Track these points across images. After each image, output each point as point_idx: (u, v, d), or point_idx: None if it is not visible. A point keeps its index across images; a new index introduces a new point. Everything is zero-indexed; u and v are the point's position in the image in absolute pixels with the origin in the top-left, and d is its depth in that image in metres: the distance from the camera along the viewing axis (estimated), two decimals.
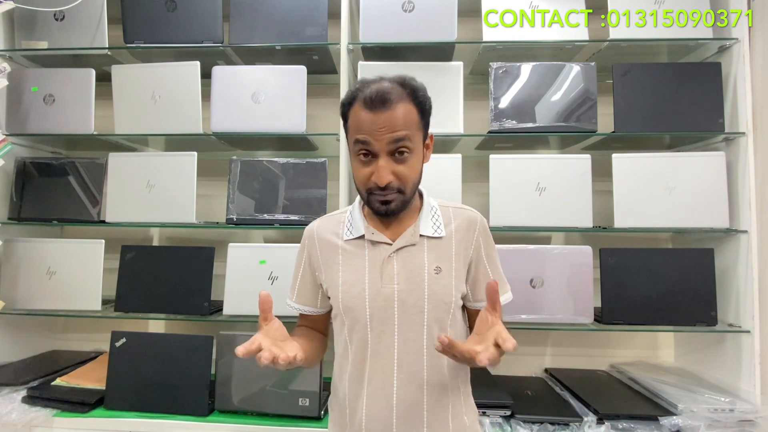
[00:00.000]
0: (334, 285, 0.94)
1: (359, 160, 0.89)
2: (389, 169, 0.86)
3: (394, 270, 0.91)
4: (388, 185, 0.86)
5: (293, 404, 1.39)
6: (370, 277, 0.91)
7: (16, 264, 1.60)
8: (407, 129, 0.85)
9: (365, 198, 0.91)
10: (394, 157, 0.86)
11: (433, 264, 0.91)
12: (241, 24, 1.59)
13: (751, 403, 1.33)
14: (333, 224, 1.00)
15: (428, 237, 0.93)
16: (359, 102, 0.86)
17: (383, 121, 0.84)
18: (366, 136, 0.85)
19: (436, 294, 0.90)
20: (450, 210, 0.98)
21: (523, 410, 1.36)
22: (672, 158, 1.51)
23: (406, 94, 0.86)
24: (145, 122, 1.60)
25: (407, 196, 0.89)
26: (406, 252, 0.92)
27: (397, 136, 0.84)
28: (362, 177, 0.89)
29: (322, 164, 1.56)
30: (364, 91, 0.85)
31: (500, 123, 1.51)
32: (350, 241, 0.95)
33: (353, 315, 0.92)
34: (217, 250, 1.57)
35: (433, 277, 0.91)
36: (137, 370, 1.45)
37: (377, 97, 0.83)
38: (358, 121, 0.86)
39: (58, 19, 1.64)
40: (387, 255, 0.92)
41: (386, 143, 0.85)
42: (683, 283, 1.44)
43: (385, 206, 0.88)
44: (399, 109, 0.84)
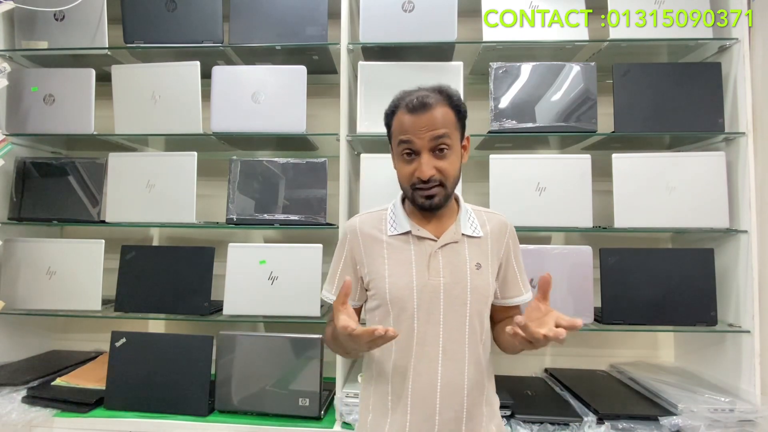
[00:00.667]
0: (380, 277, 1.00)
1: (403, 159, 0.98)
2: (431, 164, 0.94)
3: (439, 264, 0.98)
4: (430, 179, 0.94)
5: (293, 404, 1.39)
6: (417, 269, 0.98)
7: (16, 264, 1.60)
8: (446, 128, 0.95)
9: (410, 195, 0.99)
10: (434, 153, 0.95)
11: (474, 260, 1.00)
12: (241, 24, 1.59)
13: (751, 403, 1.33)
14: (374, 220, 1.06)
15: (468, 236, 1.02)
16: (402, 109, 0.97)
17: (424, 122, 0.94)
18: (409, 136, 0.95)
19: (478, 288, 0.99)
20: (483, 213, 1.08)
21: (523, 410, 1.36)
22: (672, 158, 1.51)
23: (442, 99, 0.97)
24: (145, 122, 1.60)
25: (449, 191, 0.98)
26: (450, 248, 1.00)
27: (437, 134, 0.94)
28: (406, 174, 0.98)
29: (322, 164, 1.56)
30: (406, 99, 0.97)
31: (500, 123, 1.51)
32: (395, 236, 1.02)
33: (401, 305, 0.98)
34: (217, 250, 1.57)
35: (474, 272, 0.99)
36: (137, 370, 1.45)
37: (418, 102, 0.95)
38: (402, 124, 0.96)
39: (58, 19, 1.64)
40: (433, 250, 0.99)
41: (427, 140, 0.94)
42: (683, 283, 1.44)
43: (429, 200, 0.96)
44: (437, 112, 0.95)
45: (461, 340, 0.97)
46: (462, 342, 0.97)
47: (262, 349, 1.45)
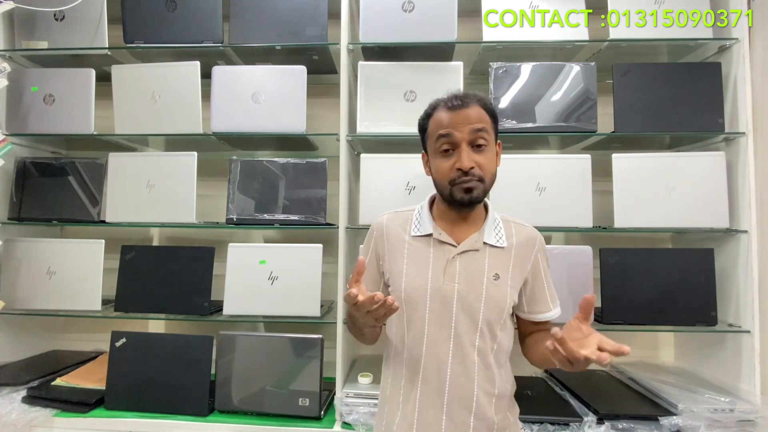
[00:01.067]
0: (398, 274, 1.03)
1: (441, 155, 0.99)
2: (471, 156, 0.96)
3: (456, 270, 0.99)
4: (470, 171, 0.95)
5: (293, 404, 1.39)
6: (434, 273, 1.00)
7: (16, 264, 1.60)
8: (484, 126, 0.98)
9: (447, 192, 0.99)
10: (473, 148, 0.97)
11: (493, 271, 1.00)
12: (241, 24, 1.59)
13: (751, 403, 1.33)
14: (401, 220, 1.09)
15: (490, 246, 1.02)
16: (440, 108, 1.01)
17: (463, 116, 0.97)
18: (449, 130, 0.97)
19: (492, 298, 0.99)
20: (512, 224, 1.07)
21: (523, 410, 1.34)
22: (672, 158, 1.51)
23: (477, 100, 1.00)
24: (145, 122, 1.60)
25: (486, 186, 0.99)
26: (469, 256, 1.01)
27: (476, 127, 0.97)
28: (445, 169, 0.98)
29: (322, 164, 1.56)
30: (443, 100, 1.01)
31: (500, 123, 1.51)
32: (417, 237, 1.04)
33: (413, 305, 1.00)
34: (217, 250, 1.57)
35: (491, 282, 0.99)
36: (137, 370, 1.45)
37: (456, 99, 0.99)
38: (440, 121, 0.99)
39: (58, 19, 1.64)
40: (451, 256, 1.00)
41: (467, 133, 0.96)
42: (683, 283, 1.44)
43: (468, 194, 0.97)
44: (475, 109, 0.98)
45: (471, 347, 0.98)
46: (471, 349, 0.98)
47: (262, 349, 1.45)
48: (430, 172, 1.06)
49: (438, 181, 1.02)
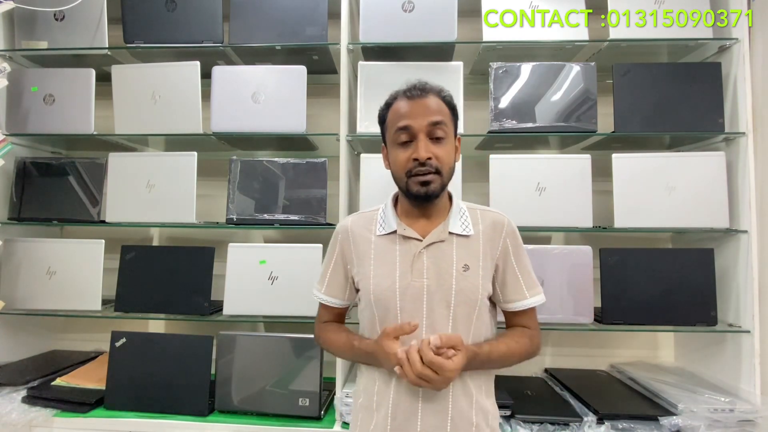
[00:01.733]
0: (366, 277, 1.00)
1: (399, 146, 0.97)
2: (428, 147, 0.94)
3: (423, 265, 0.96)
4: (427, 162, 0.93)
5: (293, 404, 1.39)
6: (401, 270, 0.97)
7: (16, 264, 1.60)
8: (442, 117, 0.96)
9: (404, 185, 0.97)
10: (432, 139, 0.95)
11: (462, 261, 0.97)
12: (241, 24, 1.59)
13: (751, 403, 1.33)
14: (365, 220, 1.06)
15: (457, 235, 0.98)
16: (400, 97, 0.98)
17: (422, 105, 0.95)
18: (407, 120, 0.95)
19: (463, 291, 0.95)
20: (478, 212, 1.03)
21: (523, 410, 1.36)
22: (672, 158, 1.51)
23: (437, 92, 0.99)
24: (145, 122, 1.60)
25: (444, 180, 0.97)
26: (436, 248, 0.97)
27: (435, 119, 0.95)
28: (402, 161, 0.96)
29: (322, 164, 1.56)
30: (403, 89, 0.99)
31: (500, 123, 1.51)
32: (382, 236, 1.01)
33: (384, 306, 0.97)
34: (217, 250, 1.57)
35: (461, 274, 0.96)
36: (137, 370, 1.45)
37: (415, 88, 0.97)
38: (399, 111, 0.97)
39: (58, 19, 1.64)
40: (418, 250, 0.97)
41: (425, 124, 0.94)
42: (683, 283, 1.44)
43: (425, 187, 0.94)
44: (434, 99, 0.97)
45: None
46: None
47: (262, 349, 1.45)
48: (389, 165, 1.02)
49: (395, 173, 0.99)
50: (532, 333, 1.03)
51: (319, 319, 1.13)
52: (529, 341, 1.01)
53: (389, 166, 1.02)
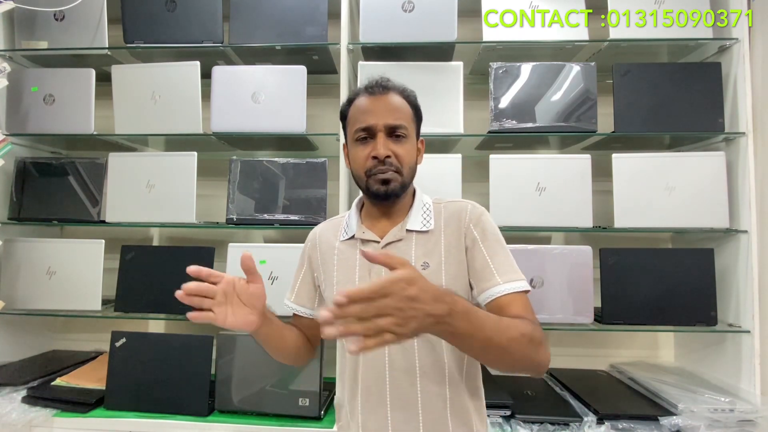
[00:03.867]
0: (330, 284, 0.97)
1: (358, 144, 0.93)
2: (387, 145, 0.91)
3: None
4: (386, 160, 0.90)
5: (293, 404, 1.39)
6: (360, 275, 0.93)
7: (16, 264, 1.60)
8: (403, 116, 0.93)
9: (364, 183, 0.93)
10: (391, 138, 0.92)
11: (421, 260, 0.91)
12: (241, 24, 1.59)
13: (751, 403, 1.33)
14: (333, 227, 1.04)
15: (416, 232, 0.94)
16: (361, 93, 0.95)
17: (383, 103, 0.92)
18: (366, 116, 0.91)
19: None
20: (442, 205, 0.98)
21: (523, 410, 1.36)
22: (672, 158, 1.51)
23: (400, 90, 0.96)
24: (145, 122, 1.60)
25: (405, 179, 0.93)
26: (394, 248, 0.93)
27: (395, 118, 0.91)
28: (362, 159, 0.92)
29: (322, 164, 1.56)
30: (365, 85, 0.96)
31: (500, 123, 1.51)
32: (345, 241, 0.98)
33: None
34: (217, 250, 1.57)
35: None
36: (137, 370, 1.45)
37: (377, 83, 0.94)
38: (359, 109, 0.93)
39: (58, 19, 1.64)
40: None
41: (385, 123, 0.91)
42: (683, 283, 1.44)
43: (384, 186, 0.91)
44: (396, 98, 0.93)
45: (410, 349, 0.89)
46: (411, 351, 0.89)
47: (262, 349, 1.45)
48: (349, 164, 0.98)
49: (355, 172, 0.95)
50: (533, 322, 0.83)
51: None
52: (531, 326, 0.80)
53: (349, 164, 0.98)
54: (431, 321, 0.63)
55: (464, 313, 0.67)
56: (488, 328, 0.71)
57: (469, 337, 0.69)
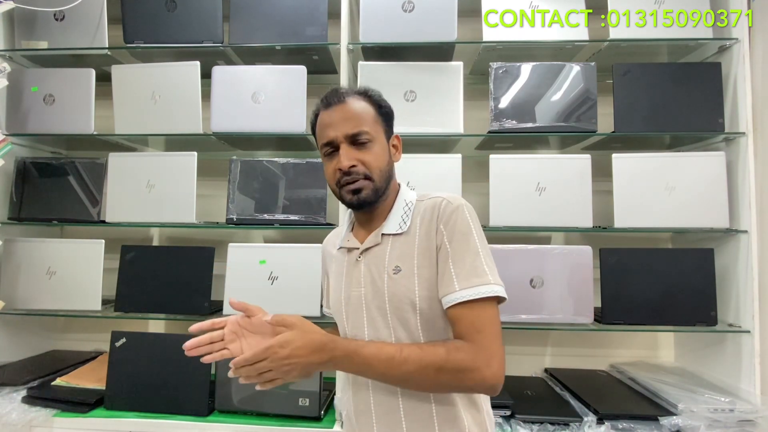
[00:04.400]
0: (327, 292, 1.04)
1: (327, 160, 0.92)
2: (350, 155, 0.88)
3: (360, 274, 0.92)
4: (351, 170, 0.88)
5: (293, 404, 1.39)
6: (345, 282, 0.95)
7: (16, 264, 1.60)
8: (364, 121, 0.90)
9: (339, 195, 0.93)
10: (355, 146, 0.89)
11: (393, 263, 0.88)
12: (241, 24, 1.59)
13: (751, 403, 1.33)
14: (335, 236, 1.07)
15: (392, 235, 0.91)
16: (320, 107, 0.93)
17: (339, 113, 0.90)
18: (327, 131, 0.90)
19: (396, 295, 0.86)
20: (423, 202, 0.92)
21: (523, 410, 1.36)
22: (672, 158, 1.51)
23: (358, 93, 0.93)
24: (145, 122, 1.60)
25: (377, 184, 0.89)
26: (372, 254, 0.92)
27: (353, 126, 0.89)
28: (330, 173, 0.92)
29: (322, 164, 1.56)
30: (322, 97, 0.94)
31: (500, 123, 1.51)
32: (339, 250, 1.01)
33: (338, 319, 0.97)
34: (217, 250, 1.57)
35: (392, 277, 0.87)
36: (137, 370, 1.45)
37: (331, 94, 0.92)
38: (322, 124, 0.92)
39: (58, 19, 1.64)
40: (355, 259, 0.93)
41: (344, 133, 0.89)
42: (683, 283, 1.44)
43: (356, 195, 0.89)
44: (352, 103, 0.91)
45: None
46: None
47: None
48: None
49: (330, 185, 0.94)
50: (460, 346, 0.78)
51: None
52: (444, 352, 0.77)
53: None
54: (315, 367, 0.78)
55: (347, 357, 0.78)
56: (377, 366, 0.78)
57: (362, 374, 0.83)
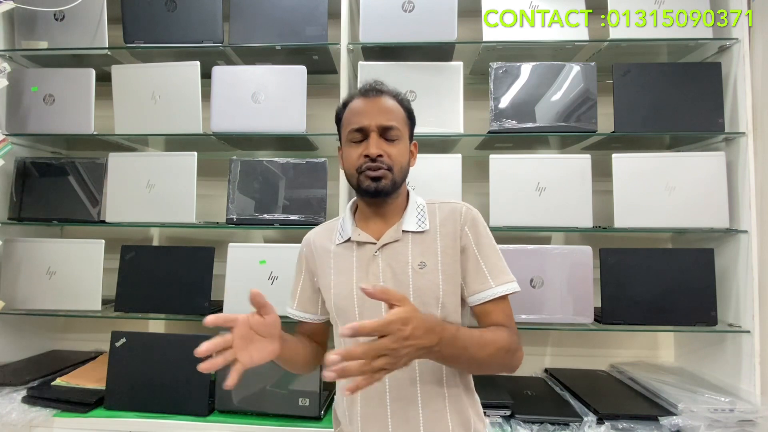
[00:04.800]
0: (327, 288, 0.98)
1: (352, 145, 0.95)
2: (380, 144, 0.93)
3: (378, 268, 0.93)
4: (378, 158, 0.91)
5: (293, 404, 1.39)
6: (357, 276, 0.94)
7: (16, 264, 1.60)
8: (396, 118, 0.95)
9: (356, 181, 0.95)
10: (384, 138, 0.94)
11: (418, 259, 0.93)
12: (241, 24, 1.59)
13: (751, 403, 1.33)
14: (327, 231, 1.04)
15: (412, 232, 0.95)
16: (356, 96, 0.98)
17: (376, 105, 0.94)
18: (360, 118, 0.94)
19: (421, 290, 0.91)
20: (436, 205, 0.99)
21: (523, 410, 1.36)
22: (672, 158, 1.51)
23: (394, 94, 0.99)
24: (145, 122, 1.60)
25: (396, 179, 0.94)
26: (390, 249, 0.94)
27: (387, 119, 0.94)
28: (354, 158, 0.94)
29: (322, 164, 1.56)
30: (359, 88, 0.99)
31: (500, 123, 1.51)
32: (341, 244, 0.99)
33: (345, 315, 0.95)
34: (217, 250, 1.57)
35: (417, 272, 0.92)
36: (137, 370, 1.45)
37: (371, 86, 0.97)
38: (353, 111, 0.96)
39: (58, 19, 1.64)
40: (372, 254, 0.94)
41: (378, 123, 0.93)
42: (683, 283, 1.44)
43: (375, 183, 0.92)
44: (389, 101, 0.96)
45: None
46: None
47: None
48: (343, 164, 1.00)
49: (347, 171, 0.97)
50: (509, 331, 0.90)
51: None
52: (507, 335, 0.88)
53: (343, 165, 0.99)
54: (423, 352, 0.73)
55: (452, 339, 0.77)
56: (471, 347, 0.81)
57: (455, 358, 0.81)
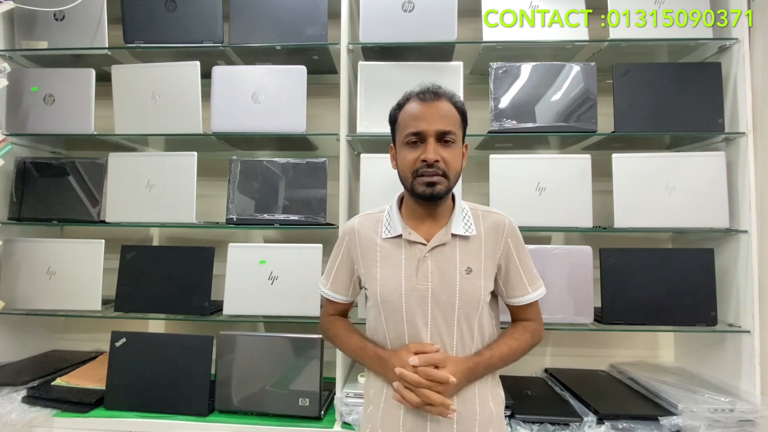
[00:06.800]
0: (372, 279, 1.03)
1: (408, 148, 0.99)
2: (437, 150, 0.96)
3: (428, 269, 0.99)
4: (435, 164, 0.95)
5: (293, 404, 1.39)
6: (406, 274, 0.99)
7: (16, 264, 1.60)
8: (453, 122, 0.98)
9: (410, 183, 0.99)
10: (440, 143, 0.97)
11: (465, 264, 1.00)
12: (241, 24, 1.59)
13: (751, 403, 1.33)
14: (372, 222, 1.08)
15: (460, 236, 1.01)
16: (413, 98, 1.01)
17: (434, 110, 0.97)
18: (418, 122, 0.97)
19: (467, 292, 0.98)
20: (480, 213, 1.05)
21: (523, 410, 1.36)
22: (672, 158, 1.51)
23: (450, 97, 1.01)
24: (145, 122, 1.60)
25: (450, 183, 0.98)
26: (439, 251, 1.00)
27: (445, 124, 0.97)
28: (410, 161, 0.98)
29: (322, 164, 1.56)
30: (417, 91, 1.02)
31: (500, 123, 1.51)
32: (388, 239, 1.03)
33: (391, 307, 1.00)
34: (217, 250, 1.57)
35: (464, 276, 0.99)
36: (137, 370, 1.45)
37: (429, 91, 1.00)
38: (411, 113, 0.99)
39: (58, 19, 1.64)
40: (422, 254, 0.99)
41: (436, 129, 0.96)
42: (683, 283, 1.44)
43: (430, 188, 0.96)
44: (446, 105, 0.99)
45: (449, 343, 0.98)
46: (450, 345, 0.98)
47: (262, 349, 1.45)
48: (396, 165, 1.05)
49: (402, 172, 1.01)
50: (535, 327, 1.08)
51: (325, 312, 1.18)
52: (531, 336, 1.06)
53: (396, 165, 1.04)
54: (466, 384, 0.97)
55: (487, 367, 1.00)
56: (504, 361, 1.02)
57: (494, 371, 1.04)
